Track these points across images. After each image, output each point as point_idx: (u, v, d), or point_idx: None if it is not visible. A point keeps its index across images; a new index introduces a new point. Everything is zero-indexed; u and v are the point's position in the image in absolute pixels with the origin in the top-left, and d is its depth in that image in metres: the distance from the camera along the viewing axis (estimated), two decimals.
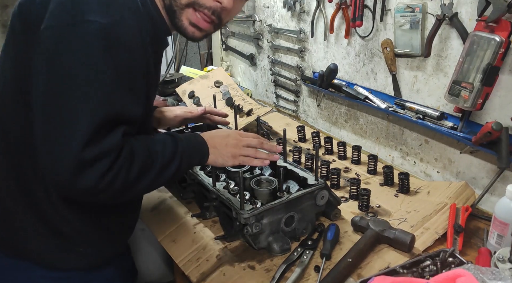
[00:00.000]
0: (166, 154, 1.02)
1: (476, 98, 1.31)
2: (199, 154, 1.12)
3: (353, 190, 1.50)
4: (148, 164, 0.97)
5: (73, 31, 0.86)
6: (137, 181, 0.95)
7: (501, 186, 1.38)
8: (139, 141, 0.99)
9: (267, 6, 2.27)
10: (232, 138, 1.17)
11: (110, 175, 0.89)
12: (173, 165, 1.03)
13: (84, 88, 0.86)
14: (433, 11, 1.45)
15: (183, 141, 1.08)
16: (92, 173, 0.87)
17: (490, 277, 0.87)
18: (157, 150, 1.00)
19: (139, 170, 0.95)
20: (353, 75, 1.86)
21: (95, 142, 0.87)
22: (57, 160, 0.86)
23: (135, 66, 0.94)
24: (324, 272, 1.15)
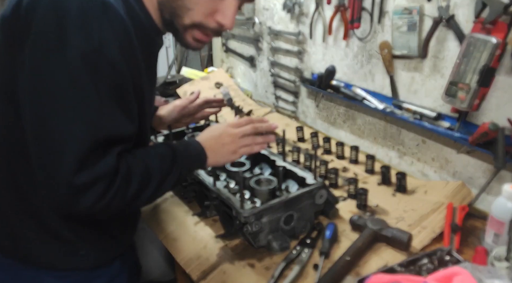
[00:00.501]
0: (164, 168, 1.01)
1: (472, 98, 1.33)
2: (197, 162, 1.12)
3: (351, 190, 1.51)
4: (146, 182, 0.97)
5: (57, 56, 0.84)
6: (135, 199, 0.95)
7: (498, 186, 1.39)
8: (136, 158, 0.97)
9: (267, 9, 2.28)
10: (227, 135, 1.16)
11: (106, 198, 0.88)
12: (171, 178, 1.03)
13: (70, 113, 0.85)
14: (430, 13, 1.46)
15: (181, 151, 1.07)
16: (87, 198, 0.86)
17: (487, 276, 0.88)
18: (154, 166, 0.99)
19: (137, 189, 0.94)
20: (351, 76, 1.87)
21: (88, 167, 0.85)
22: (51, 185, 0.86)
23: (124, 83, 0.92)
24: (322, 270, 1.16)
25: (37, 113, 0.86)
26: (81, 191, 0.86)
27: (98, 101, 0.87)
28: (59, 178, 0.85)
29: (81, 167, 0.85)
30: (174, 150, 1.06)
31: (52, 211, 1.02)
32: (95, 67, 0.86)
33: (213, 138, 1.16)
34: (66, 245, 1.08)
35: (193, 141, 1.15)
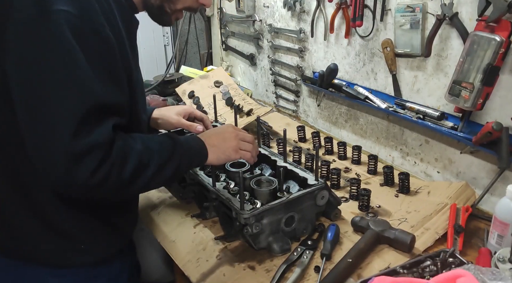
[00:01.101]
0: (163, 153, 1.01)
1: (476, 98, 1.31)
2: (198, 155, 1.12)
3: (353, 190, 1.50)
4: (144, 163, 0.96)
5: (42, 23, 0.84)
6: (132, 179, 0.94)
7: (502, 186, 1.37)
8: (135, 138, 0.97)
9: (267, 6, 2.27)
10: (229, 132, 1.18)
11: (102, 170, 0.87)
12: (171, 165, 1.02)
13: (61, 79, 0.85)
14: (433, 11, 1.44)
15: (182, 142, 1.07)
16: (83, 167, 0.85)
17: (491, 278, 0.87)
18: (154, 149, 0.99)
19: (134, 168, 0.93)
20: (353, 75, 1.86)
21: (84, 134, 0.85)
22: (47, 156, 0.85)
23: (110, 52, 0.93)
24: (324, 272, 1.15)
25: (29, 84, 0.86)
26: (78, 159, 0.84)
27: (87, 68, 0.87)
28: (55, 147, 0.84)
29: (76, 134, 0.84)
30: (175, 139, 1.06)
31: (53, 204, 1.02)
32: (80, 34, 0.86)
33: (215, 134, 1.17)
34: (67, 240, 1.08)
35: (194, 136, 1.16)
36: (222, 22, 2.67)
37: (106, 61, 0.92)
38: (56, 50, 0.85)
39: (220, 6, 2.64)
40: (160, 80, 2.45)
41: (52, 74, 0.85)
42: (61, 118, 0.84)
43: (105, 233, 1.15)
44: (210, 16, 2.83)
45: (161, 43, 3.53)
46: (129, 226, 1.26)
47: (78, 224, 1.08)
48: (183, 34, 2.92)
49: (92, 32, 0.88)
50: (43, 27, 0.84)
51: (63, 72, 0.85)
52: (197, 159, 1.13)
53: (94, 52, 0.89)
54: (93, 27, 0.88)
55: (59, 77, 0.85)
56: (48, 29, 0.84)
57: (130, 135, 0.97)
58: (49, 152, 0.85)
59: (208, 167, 1.44)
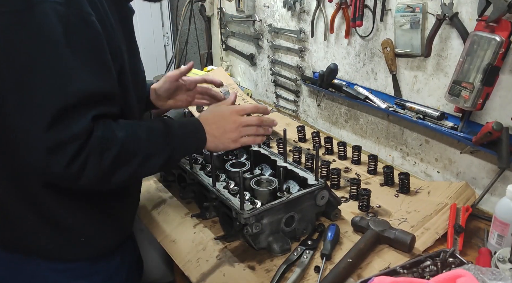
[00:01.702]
0: (152, 142, 0.99)
1: (476, 98, 1.31)
2: (195, 142, 1.09)
3: (353, 190, 1.50)
4: (129, 152, 0.94)
5: (28, 15, 0.84)
6: (114, 168, 0.93)
7: (502, 186, 1.37)
8: (121, 126, 0.95)
9: (267, 6, 2.26)
10: (231, 122, 1.13)
11: (78, 161, 0.87)
12: (163, 153, 1.00)
13: (43, 70, 0.85)
14: (433, 11, 1.44)
15: (176, 128, 1.04)
16: (59, 158, 0.86)
17: (491, 277, 0.87)
18: (141, 136, 0.97)
19: (115, 157, 0.92)
20: (353, 75, 1.85)
21: (60, 125, 0.85)
22: (25, 146, 0.87)
23: (97, 40, 0.92)
24: (324, 272, 1.14)
25: (12, 76, 0.86)
26: (54, 149, 0.85)
27: (72, 57, 0.87)
28: (31, 138, 0.85)
29: (53, 124, 0.84)
30: (168, 125, 1.03)
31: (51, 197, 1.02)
32: (65, 21, 0.86)
33: (215, 122, 1.13)
34: (66, 232, 1.08)
35: (194, 120, 1.12)
36: (222, 22, 2.67)
37: (93, 50, 0.91)
38: (40, 41, 0.85)
39: (220, 6, 2.64)
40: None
41: (34, 64, 0.85)
42: (39, 109, 0.85)
43: (104, 225, 1.14)
44: (210, 16, 2.83)
45: (161, 43, 3.53)
46: (128, 217, 1.25)
47: (77, 216, 1.08)
48: (183, 34, 2.92)
49: (78, 20, 0.88)
50: (28, 18, 0.84)
51: (45, 63, 0.85)
52: (194, 146, 1.10)
53: (81, 41, 0.88)
54: (80, 15, 0.88)
55: (40, 68, 0.85)
56: (33, 19, 0.84)
57: (116, 123, 0.95)
58: (26, 143, 0.86)
59: (208, 166, 1.44)
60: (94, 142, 0.89)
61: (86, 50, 0.89)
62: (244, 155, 1.56)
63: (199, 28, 3.08)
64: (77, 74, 0.87)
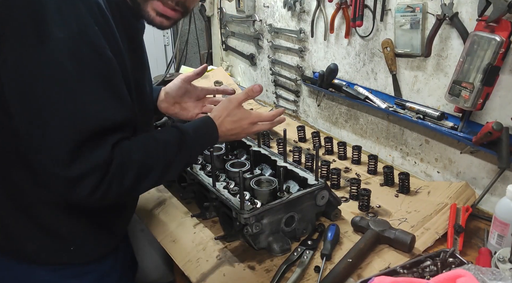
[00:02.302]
0: (169, 153, 1.00)
1: (476, 98, 1.31)
2: (208, 142, 1.12)
3: (353, 190, 1.50)
4: (147, 168, 0.96)
5: (40, 51, 0.84)
6: (135, 186, 0.95)
7: (502, 186, 1.37)
8: (136, 144, 0.97)
9: (267, 6, 2.26)
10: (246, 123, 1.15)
11: (101, 189, 0.89)
12: (178, 161, 1.02)
13: (57, 106, 0.85)
14: (433, 11, 1.44)
15: (190, 133, 1.05)
16: (82, 189, 0.87)
17: (491, 278, 0.87)
18: (158, 150, 0.99)
19: (135, 177, 0.94)
20: (353, 75, 1.85)
21: (80, 159, 0.86)
22: (49, 178, 0.89)
23: (109, 66, 0.92)
24: (324, 272, 1.14)
25: (26, 110, 0.87)
26: (76, 183, 0.87)
27: (85, 91, 0.87)
28: (54, 172, 0.86)
29: (73, 159, 0.85)
30: (182, 132, 1.04)
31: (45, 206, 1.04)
32: (77, 55, 0.86)
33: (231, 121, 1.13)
34: (58, 240, 1.09)
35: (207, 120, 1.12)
36: (222, 22, 2.67)
37: (105, 78, 0.91)
38: (52, 76, 0.85)
39: (220, 6, 2.64)
40: (160, 80, 2.44)
41: (48, 101, 0.85)
42: (57, 145, 0.86)
43: (97, 234, 1.15)
44: (210, 16, 2.83)
45: (161, 43, 3.53)
46: (122, 226, 1.26)
47: (71, 226, 1.09)
48: (183, 34, 2.92)
49: (91, 54, 0.88)
50: (40, 53, 0.84)
51: (59, 99, 0.85)
52: (207, 144, 1.13)
53: (92, 72, 0.88)
54: (92, 48, 0.88)
55: (55, 104, 0.85)
56: (45, 55, 0.84)
57: (131, 143, 0.96)
58: (49, 176, 0.88)
59: (208, 166, 1.44)
60: (115, 169, 0.90)
61: (98, 83, 0.89)
62: (244, 155, 1.56)
63: (199, 28, 3.09)
64: (90, 108, 0.88)
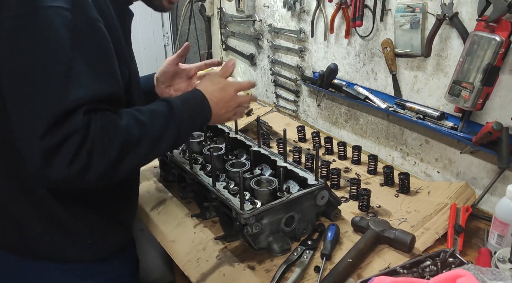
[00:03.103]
0: (157, 124, 0.96)
1: (476, 98, 1.31)
2: (201, 116, 1.09)
3: (353, 190, 1.50)
4: (134, 139, 0.92)
5: (33, 20, 0.83)
6: (121, 158, 0.90)
7: (502, 186, 1.37)
8: (121, 114, 0.93)
9: (267, 6, 2.26)
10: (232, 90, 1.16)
11: (81, 157, 0.84)
12: (169, 134, 0.98)
13: (46, 76, 0.84)
14: (433, 11, 1.44)
15: (180, 105, 1.02)
16: (59, 160, 0.83)
17: (491, 278, 0.87)
18: (144, 121, 0.94)
19: (120, 146, 0.89)
20: (353, 75, 1.85)
21: (55, 129, 0.83)
22: (27, 153, 0.85)
23: (104, 44, 0.92)
24: (324, 272, 1.14)
25: (15, 79, 0.85)
26: (52, 155, 0.82)
27: (74, 64, 0.85)
28: (31, 144, 0.83)
29: (52, 129, 0.82)
30: (171, 104, 1.01)
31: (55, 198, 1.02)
32: (73, 28, 0.85)
33: (216, 90, 1.12)
34: (71, 235, 1.09)
35: (197, 94, 1.10)
36: (222, 22, 2.67)
37: (99, 55, 0.91)
38: (44, 47, 0.84)
39: (220, 6, 2.64)
40: None
41: (37, 69, 0.84)
42: (37, 115, 0.83)
43: (107, 228, 1.15)
44: (210, 16, 2.83)
45: (161, 43, 3.53)
46: (129, 220, 1.26)
47: (80, 218, 1.09)
48: (183, 34, 2.92)
49: (84, 26, 0.87)
50: (33, 23, 0.83)
51: (48, 69, 0.84)
52: (200, 119, 1.09)
53: (86, 46, 0.88)
54: (86, 20, 0.88)
55: (43, 74, 0.84)
56: (38, 24, 0.83)
57: (116, 113, 0.93)
58: (27, 149, 0.84)
59: (208, 166, 1.44)
60: (94, 134, 0.85)
61: (91, 56, 0.88)
62: (244, 155, 1.56)
63: (199, 28, 3.08)
64: (80, 80, 0.86)
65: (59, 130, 0.83)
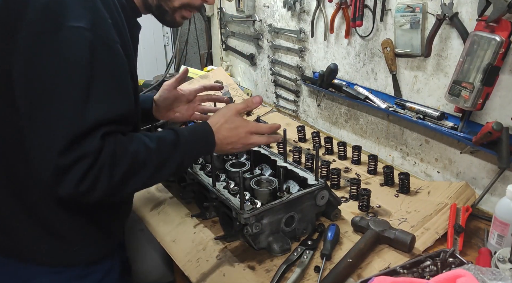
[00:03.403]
0: (163, 151, 0.99)
1: (476, 98, 1.31)
2: (205, 148, 1.10)
3: (353, 190, 1.50)
4: (139, 163, 0.95)
5: (54, 38, 0.84)
6: (125, 181, 0.93)
7: (502, 186, 1.37)
8: (130, 138, 0.96)
9: (267, 6, 2.26)
10: (243, 132, 1.13)
11: (89, 179, 0.87)
12: (173, 161, 1.01)
13: (65, 95, 0.86)
14: (433, 11, 1.44)
15: (186, 135, 1.05)
16: (69, 179, 0.86)
17: (491, 277, 0.87)
18: (151, 147, 0.97)
19: (125, 171, 0.92)
20: (353, 75, 1.85)
21: (71, 149, 0.86)
22: (39, 166, 0.88)
23: (121, 65, 0.93)
24: (324, 273, 1.14)
25: (33, 98, 0.87)
26: (66, 170, 0.86)
27: (92, 85, 0.87)
28: (45, 160, 0.86)
29: (68, 148, 0.85)
30: (177, 133, 1.04)
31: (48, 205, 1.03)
32: (91, 49, 0.86)
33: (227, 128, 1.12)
34: (61, 240, 1.09)
35: (204, 124, 1.12)
36: (222, 22, 2.67)
37: (116, 77, 0.92)
38: (64, 65, 0.85)
39: (220, 6, 2.64)
40: (160, 80, 2.45)
41: (56, 88, 0.85)
42: (54, 134, 0.85)
43: (96, 234, 1.15)
44: (210, 16, 2.83)
45: (161, 43, 3.53)
46: (119, 227, 1.27)
47: (71, 226, 1.09)
48: (183, 34, 2.92)
49: (104, 47, 0.88)
50: (54, 41, 0.84)
51: (66, 88, 0.86)
52: (203, 150, 1.11)
53: (105, 68, 0.89)
54: (106, 42, 0.89)
55: (62, 93, 0.86)
56: (59, 43, 0.84)
57: (126, 136, 0.96)
58: (40, 164, 0.87)
59: (208, 166, 1.44)
60: (105, 158, 0.89)
61: (109, 77, 0.90)
62: (244, 155, 1.56)
63: (199, 28, 3.08)
64: (97, 101, 0.88)
65: (75, 150, 0.86)
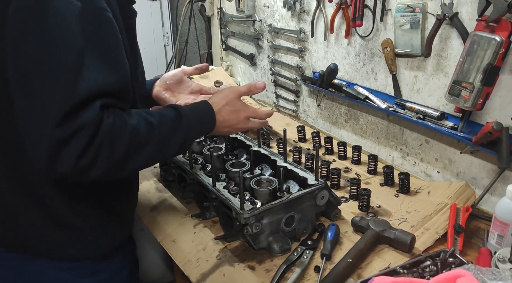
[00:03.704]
0: (164, 128, 0.97)
1: (476, 98, 1.31)
2: (205, 126, 1.10)
3: (353, 190, 1.50)
4: (141, 140, 0.93)
5: (43, 10, 0.83)
6: (127, 158, 0.91)
7: (502, 186, 1.37)
8: (131, 113, 0.94)
9: (267, 6, 2.26)
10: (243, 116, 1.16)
11: (89, 152, 0.84)
12: (176, 138, 1.00)
13: (57, 67, 0.84)
14: (433, 11, 1.44)
15: (188, 113, 1.04)
16: (69, 152, 0.83)
17: (491, 277, 0.87)
18: (153, 123, 0.95)
19: (128, 145, 0.89)
20: (353, 75, 1.85)
21: (69, 120, 0.83)
22: (35, 143, 0.84)
23: (114, 36, 0.92)
24: (324, 272, 1.14)
25: (24, 72, 0.85)
26: (62, 146, 0.83)
27: (84, 54, 0.85)
28: (42, 135, 0.83)
29: (63, 121, 0.82)
30: (179, 110, 1.03)
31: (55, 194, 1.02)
32: (81, 18, 0.85)
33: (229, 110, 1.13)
34: (72, 231, 1.08)
35: (203, 102, 1.12)
36: (222, 22, 2.67)
37: (109, 45, 0.91)
38: (54, 37, 0.84)
39: (220, 6, 2.64)
40: None
41: (50, 60, 0.84)
42: (49, 106, 0.83)
43: (107, 224, 1.15)
44: (210, 16, 2.83)
45: (161, 43, 3.53)
46: (128, 217, 1.26)
47: (80, 215, 1.08)
48: (183, 34, 2.92)
49: (94, 16, 0.87)
50: (43, 13, 0.83)
51: (58, 59, 0.84)
52: (205, 128, 1.11)
53: (97, 36, 0.88)
54: (95, 10, 0.88)
55: (56, 64, 0.84)
56: (48, 15, 0.83)
57: (126, 112, 0.94)
58: (36, 140, 0.84)
59: (208, 166, 1.44)
60: (105, 129, 0.86)
61: (101, 46, 0.88)
62: (244, 155, 1.56)
63: (199, 28, 3.08)
64: (91, 71, 0.86)
65: (72, 121, 0.83)
